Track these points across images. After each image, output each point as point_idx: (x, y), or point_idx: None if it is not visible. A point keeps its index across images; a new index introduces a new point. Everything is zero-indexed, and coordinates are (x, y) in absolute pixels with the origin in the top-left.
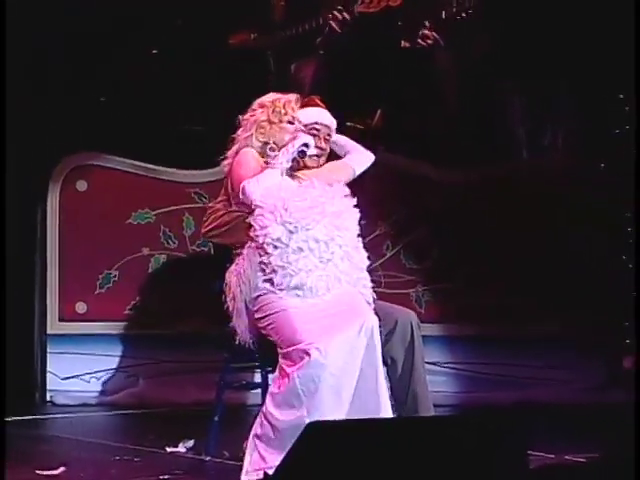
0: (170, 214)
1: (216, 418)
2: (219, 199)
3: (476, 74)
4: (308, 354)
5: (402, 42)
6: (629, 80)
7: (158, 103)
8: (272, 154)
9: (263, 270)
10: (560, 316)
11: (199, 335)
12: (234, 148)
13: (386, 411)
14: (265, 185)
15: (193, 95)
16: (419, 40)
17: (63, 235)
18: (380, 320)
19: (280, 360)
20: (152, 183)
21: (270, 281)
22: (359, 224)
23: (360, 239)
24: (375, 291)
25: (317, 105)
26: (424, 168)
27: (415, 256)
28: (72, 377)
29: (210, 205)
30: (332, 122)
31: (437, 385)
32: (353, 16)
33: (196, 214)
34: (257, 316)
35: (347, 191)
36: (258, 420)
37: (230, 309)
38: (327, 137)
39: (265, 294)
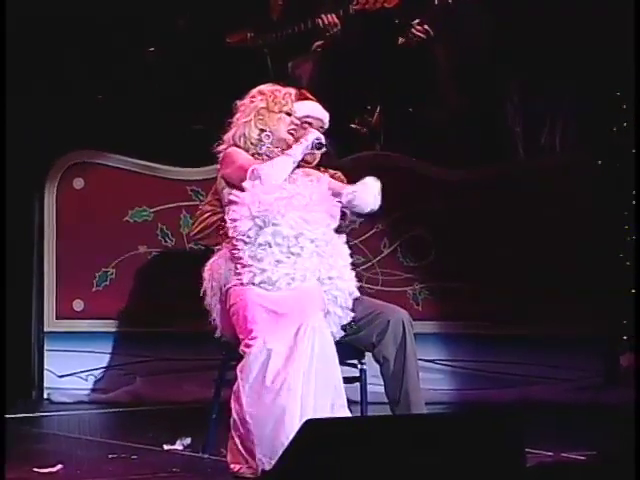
0: (167, 212)
1: (214, 416)
2: (207, 200)
3: (474, 72)
4: (250, 347)
5: (399, 39)
6: (627, 77)
7: (156, 101)
8: (267, 141)
9: (235, 265)
10: (557, 314)
11: (197, 333)
12: (231, 133)
13: (342, 411)
14: (280, 170)
15: (191, 93)
16: (411, 36)
17: (60, 233)
18: (370, 317)
19: None
20: (149, 181)
21: (239, 275)
22: (343, 219)
23: (342, 236)
24: (372, 288)
25: (308, 98)
26: (422, 166)
27: (412, 254)
28: (69, 375)
29: (199, 207)
30: (324, 115)
31: (434, 383)
32: (349, 15)
33: (193, 212)
34: (228, 307)
35: (325, 186)
36: None
37: (205, 303)
38: (320, 130)
39: (234, 286)
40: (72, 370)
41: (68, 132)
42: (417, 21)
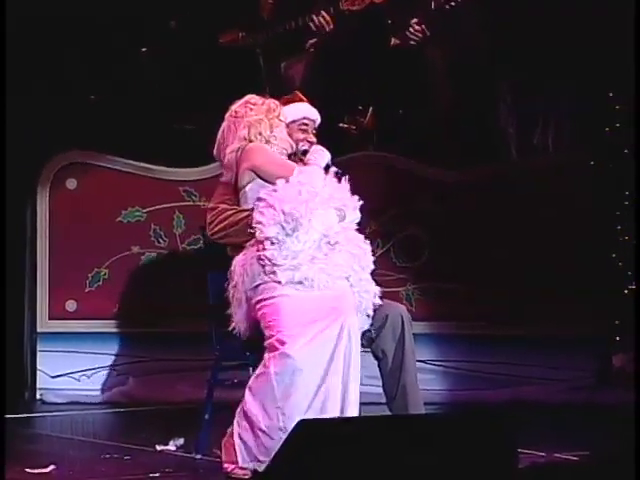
0: (160, 212)
1: (206, 416)
2: (218, 199)
3: (467, 72)
4: (283, 344)
5: (392, 39)
6: (625, 77)
7: (148, 101)
8: (275, 142)
9: (263, 265)
10: (554, 314)
11: (189, 333)
12: (245, 130)
13: (355, 409)
14: (321, 177)
15: (183, 93)
16: (409, 36)
17: (53, 233)
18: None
19: (265, 354)
20: (142, 181)
21: (273, 273)
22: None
23: (368, 242)
24: None
25: (302, 100)
26: (416, 166)
27: (405, 254)
28: (62, 375)
29: (212, 206)
30: (318, 117)
31: (426, 383)
32: (340, 13)
33: (186, 212)
34: (254, 301)
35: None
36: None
37: (230, 296)
38: (314, 131)
39: (266, 283)
40: (65, 371)
41: (61, 133)
42: (415, 20)
